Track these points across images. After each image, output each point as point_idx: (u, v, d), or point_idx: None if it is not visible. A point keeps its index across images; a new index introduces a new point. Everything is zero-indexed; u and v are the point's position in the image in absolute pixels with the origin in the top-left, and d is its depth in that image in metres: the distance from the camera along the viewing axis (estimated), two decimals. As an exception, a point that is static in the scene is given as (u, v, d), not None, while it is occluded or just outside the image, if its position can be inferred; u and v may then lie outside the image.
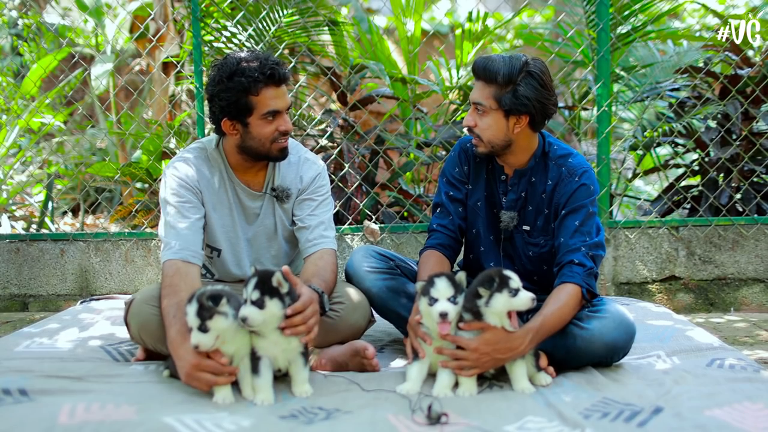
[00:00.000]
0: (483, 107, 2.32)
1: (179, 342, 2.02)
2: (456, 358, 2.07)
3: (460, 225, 2.52)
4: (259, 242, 2.51)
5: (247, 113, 2.29)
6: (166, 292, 2.17)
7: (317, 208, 2.48)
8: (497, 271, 2.06)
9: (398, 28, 4.51)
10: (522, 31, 5.22)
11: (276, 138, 2.33)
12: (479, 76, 2.33)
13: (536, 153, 2.40)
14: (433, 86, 4.19)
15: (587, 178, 2.35)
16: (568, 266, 2.27)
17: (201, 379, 1.97)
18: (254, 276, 1.97)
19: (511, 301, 2.03)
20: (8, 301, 3.85)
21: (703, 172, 4.06)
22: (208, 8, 3.90)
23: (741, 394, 1.99)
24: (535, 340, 2.12)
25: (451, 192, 2.52)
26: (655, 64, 4.32)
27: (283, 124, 2.32)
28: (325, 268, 2.35)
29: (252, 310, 1.92)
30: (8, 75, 5.69)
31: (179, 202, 2.33)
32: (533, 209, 2.42)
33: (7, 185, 4.92)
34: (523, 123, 2.33)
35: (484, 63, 2.31)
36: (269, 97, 2.28)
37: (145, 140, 4.15)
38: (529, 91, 2.28)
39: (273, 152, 2.36)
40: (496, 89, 2.29)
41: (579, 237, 2.29)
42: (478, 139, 2.36)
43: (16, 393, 1.98)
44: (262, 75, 2.24)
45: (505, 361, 2.09)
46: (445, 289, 2.05)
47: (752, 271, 3.80)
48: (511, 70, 2.27)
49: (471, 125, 2.36)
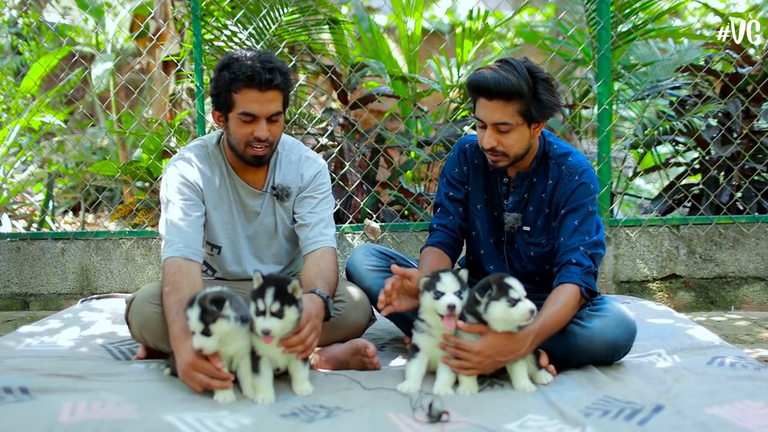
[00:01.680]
0: (508, 126, 2.24)
1: (181, 339, 2.02)
2: (457, 358, 2.07)
3: (460, 225, 2.52)
4: (260, 240, 2.51)
5: (228, 108, 2.30)
6: (168, 289, 2.18)
7: (317, 205, 2.47)
8: (498, 279, 2.04)
9: (399, 26, 4.51)
10: (523, 29, 5.22)
11: (250, 142, 2.30)
12: (495, 95, 2.21)
13: (537, 154, 2.40)
14: (434, 85, 4.19)
15: (587, 176, 2.34)
16: (566, 266, 2.26)
17: (195, 378, 1.98)
18: (269, 285, 1.94)
19: (509, 311, 2.01)
20: (9, 300, 3.85)
21: (703, 171, 4.06)
22: (209, 7, 3.89)
23: (742, 393, 1.98)
24: (535, 342, 2.12)
25: (451, 192, 2.51)
26: (656, 62, 4.32)
27: (258, 130, 2.27)
28: (327, 269, 2.35)
29: (274, 322, 1.92)
30: (8, 74, 5.69)
31: (180, 200, 2.34)
32: (533, 209, 2.41)
33: (7, 184, 4.92)
34: (542, 126, 2.32)
35: (496, 82, 2.19)
36: (248, 99, 2.25)
37: (145, 139, 4.15)
38: (548, 96, 2.25)
39: (246, 156, 2.34)
40: (519, 104, 2.22)
41: (578, 236, 2.29)
42: (501, 155, 2.29)
43: (17, 391, 1.98)
44: (244, 75, 2.23)
45: (506, 363, 2.09)
46: (452, 283, 2.04)
47: (753, 269, 3.80)
48: (526, 80, 2.21)
49: (494, 146, 2.27)
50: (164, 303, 2.17)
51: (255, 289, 1.97)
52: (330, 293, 2.26)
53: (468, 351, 2.05)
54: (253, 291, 1.97)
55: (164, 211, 2.36)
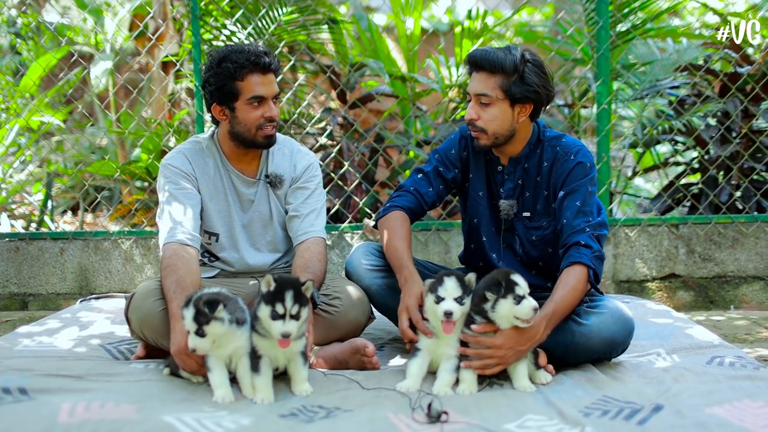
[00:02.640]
0: (488, 98, 2.30)
1: (179, 317, 2.05)
2: (476, 357, 2.07)
3: (434, 201, 2.52)
4: (255, 228, 2.55)
5: (234, 98, 2.37)
6: (165, 272, 2.24)
7: (309, 197, 2.52)
8: (505, 275, 2.05)
9: (398, 26, 4.51)
10: (522, 28, 5.22)
11: (262, 124, 2.39)
12: (481, 66, 2.30)
13: (531, 140, 2.41)
14: (433, 84, 4.19)
15: (582, 155, 2.35)
16: (575, 247, 2.25)
17: (185, 362, 2.07)
18: (287, 288, 1.94)
19: (514, 308, 2.03)
20: (8, 300, 3.85)
21: (703, 170, 4.06)
22: (208, 6, 3.89)
23: (741, 392, 1.98)
24: (549, 326, 2.13)
25: (441, 168, 2.52)
26: (655, 61, 4.31)
27: (268, 110, 2.39)
28: (312, 259, 2.38)
29: (293, 325, 1.93)
30: (7, 74, 5.68)
31: (175, 189, 2.41)
32: (531, 194, 2.42)
33: (6, 184, 4.91)
34: (526, 111, 2.33)
35: (484, 53, 2.30)
36: (254, 83, 2.36)
37: (144, 139, 4.15)
38: (535, 78, 2.29)
39: (258, 139, 2.42)
40: (502, 78, 2.28)
41: (582, 217, 2.28)
42: (480, 131, 2.34)
43: (15, 392, 1.98)
44: (247, 61, 2.34)
45: (526, 352, 2.10)
46: (453, 289, 2.04)
47: (752, 268, 3.80)
48: (515, 59, 2.28)
49: (474, 118, 2.33)
50: (163, 285, 2.24)
51: (270, 292, 1.95)
52: (316, 282, 2.31)
53: (491, 347, 2.06)
54: (267, 294, 1.95)
55: (161, 202, 2.43)
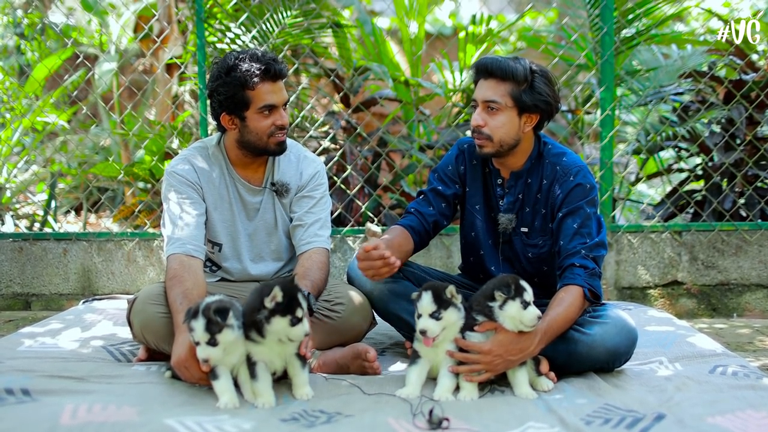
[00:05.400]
0: (497, 104, 2.30)
1: (183, 329, 2.04)
2: (464, 363, 2.07)
3: (436, 220, 2.51)
4: (260, 237, 2.53)
5: (244, 107, 2.34)
6: (171, 284, 2.22)
7: (315, 206, 2.51)
8: (515, 279, 2.07)
9: (401, 30, 4.51)
10: (525, 33, 5.22)
11: (273, 132, 2.37)
12: (491, 73, 2.30)
13: (532, 154, 2.41)
14: (436, 89, 4.19)
15: (582, 176, 2.34)
16: (570, 269, 2.26)
17: (184, 373, 2.04)
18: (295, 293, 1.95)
19: (521, 312, 2.03)
20: (11, 300, 3.85)
21: (706, 177, 4.05)
22: (212, 9, 3.90)
23: (744, 402, 1.98)
24: (543, 340, 2.12)
25: (439, 187, 2.52)
26: (659, 68, 4.31)
27: (279, 118, 2.37)
28: (312, 268, 2.37)
29: (306, 326, 1.96)
30: (12, 74, 5.70)
31: (181, 198, 2.39)
32: (530, 210, 2.42)
33: (10, 184, 4.93)
34: (533, 122, 2.34)
35: (495, 61, 2.30)
36: (265, 92, 2.33)
37: (148, 141, 4.15)
38: (545, 88, 2.30)
39: (270, 146, 2.40)
40: (512, 86, 2.29)
41: (578, 239, 2.28)
42: (485, 139, 2.33)
43: (18, 393, 1.98)
44: (258, 70, 2.30)
45: (516, 363, 2.09)
46: (428, 305, 2.03)
47: (756, 276, 3.79)
48: (524, 68, 2.29)
49: (480, 125, 2.32)
50: (168, 296, 2.21)
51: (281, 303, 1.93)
52: (314, 291, 2.29)
53: (479, 352, 2.05)
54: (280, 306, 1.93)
55: (165, 210, 2.41)
